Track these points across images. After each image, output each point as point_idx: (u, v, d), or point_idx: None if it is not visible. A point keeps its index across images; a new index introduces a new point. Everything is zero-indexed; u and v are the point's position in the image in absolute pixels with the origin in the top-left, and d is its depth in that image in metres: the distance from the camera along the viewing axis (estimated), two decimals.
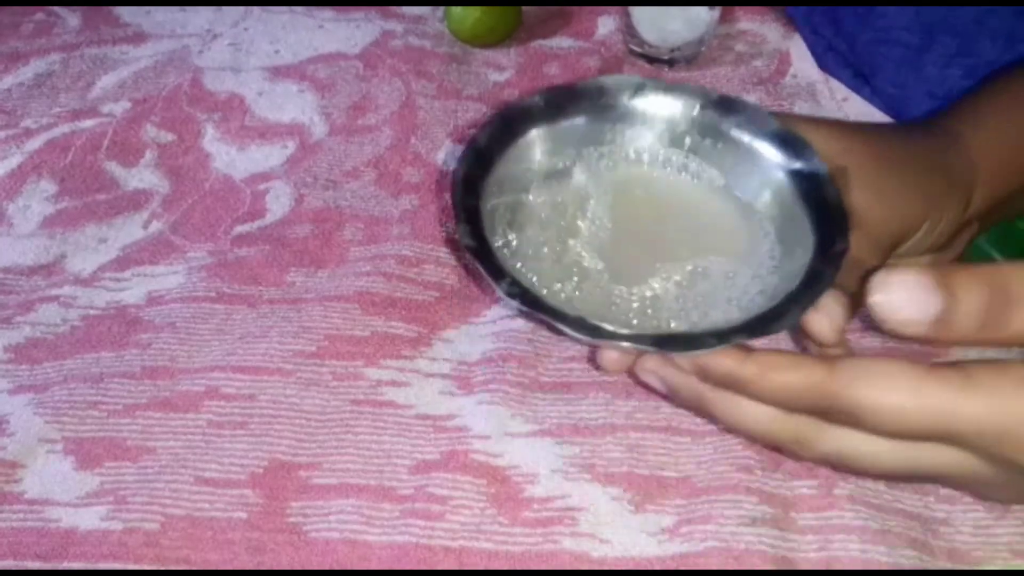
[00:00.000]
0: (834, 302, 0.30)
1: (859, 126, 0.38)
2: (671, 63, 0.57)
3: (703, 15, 0.55)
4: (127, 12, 0.63)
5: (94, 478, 0.37)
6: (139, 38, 0.60)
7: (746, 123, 0.34)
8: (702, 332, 0.27)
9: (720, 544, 0.34)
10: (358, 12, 0.62)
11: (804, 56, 0.57)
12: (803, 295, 0.29)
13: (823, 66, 0.57)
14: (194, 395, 0.39)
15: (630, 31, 0.58)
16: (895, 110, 0.53)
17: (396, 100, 0.55)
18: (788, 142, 0.33)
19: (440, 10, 0.61)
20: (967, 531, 0.35)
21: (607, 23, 0.61)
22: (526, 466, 0.37)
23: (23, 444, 0.38)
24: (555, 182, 0.34)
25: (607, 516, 0.35)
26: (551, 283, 0.31)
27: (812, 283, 0.29)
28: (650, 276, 0.32)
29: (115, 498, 0.36)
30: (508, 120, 0.34)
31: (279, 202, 0.49)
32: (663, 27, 0.56)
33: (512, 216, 0.33)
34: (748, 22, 0.61)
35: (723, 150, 0.35)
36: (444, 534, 0.35)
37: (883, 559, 0.33)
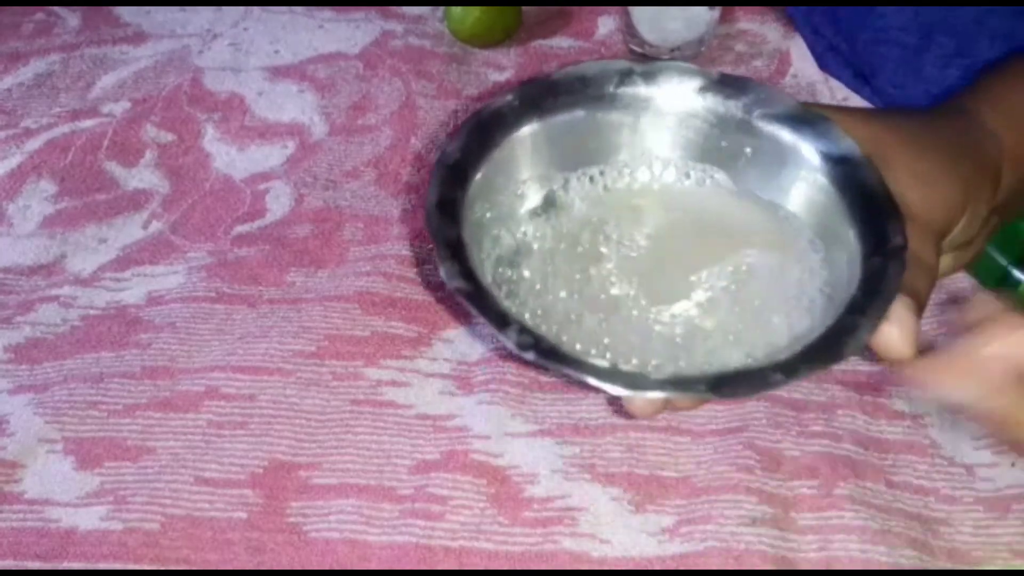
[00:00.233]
0: (903, 308, 0.25)
1: (879, 111, 0.34)
2: None
3: (703, 15, 0.55)
4: (127, 12, 0.62)
5: (94, 478, 0.37)
6: (139, 38, 0.60)
7: (759, 104, 0.30)
8: (764, 367, 0.23)
9: (720, 544, 0.34)
10: (358, 12, 0.62)
11: (804, 56, 0.57)
12: (868, 302, 0.24)
13: (823, 66, 0.57)
14: (194, 395, 0.39)
15: (630, 31, 0.58)
16: None
17: (396, 100, 0.55)
18: (811, 123, 0.29)
19: (440, 10, 0.61)
20: (967, 531, 0.35)
21: (607, 23, 0.61)
22: (526, 466, 0.37)
23: (23, 444, 0.38)
24: (551, 204, 0.30)
25: (607, 516, 0.35)
26: (567, 320, 0.27)
27: (875, 286, 0.25)
28: (691, 291, 0.28)
29: (115, 498, 0.36)
30: (481, 128, 0.29)
31: (279, 202, 0.49)
32: (663, 27, 0.56)
33: (501, 247, 0.29)
34: (748, 22, 0.61)
35: (738, 138, 0.30)
36: (444, 534, 0.35)
37: (883, 559, 0.33)
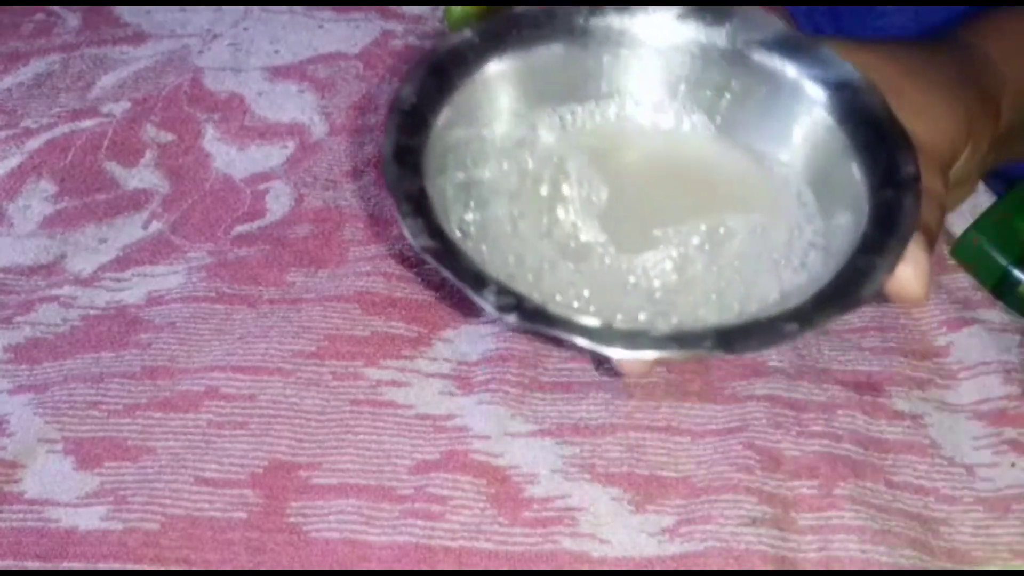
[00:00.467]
0: (916, 246, 0.23)
1: (876, 41, 0.32)
2: None
3: None
4: (127, 12, 0.62)
5: (94, 478, 0.37)
6: (139, 38, 0.60)
7: (744, 31, 0.27)
8: (775, 317, 0.21)
9: (720, 544, 0.34)
10: (358, 12, 0.62)
11: None
12: (883, 240, 0.22)
13: None
14: (194, 395, 0.39)
15: None
16: None
17: None
18: (804, 49, 0.26)
19: (440, 10, 0.61)
20: (967, 531, 0.35)
21: None
22: (526, 466, 0.37)
23: (23, 444, 0.38)
24: (519, 145, 0.28)
25: (607, 516, 0.35)
26: (540, 267, 0.25)
27: (889, 222, 0.23)
28: (659, 244, 0.26)
29: (115, 498, 0.36)
30: (438, 69, 0.26)
31: (279, 202, 0.49)
32: None
33: (467, 194, 0.27)
34: None
35: (723, 69, 0.28)
36: (444, 534, 0.35)
37: (883, 559, 0.33)
